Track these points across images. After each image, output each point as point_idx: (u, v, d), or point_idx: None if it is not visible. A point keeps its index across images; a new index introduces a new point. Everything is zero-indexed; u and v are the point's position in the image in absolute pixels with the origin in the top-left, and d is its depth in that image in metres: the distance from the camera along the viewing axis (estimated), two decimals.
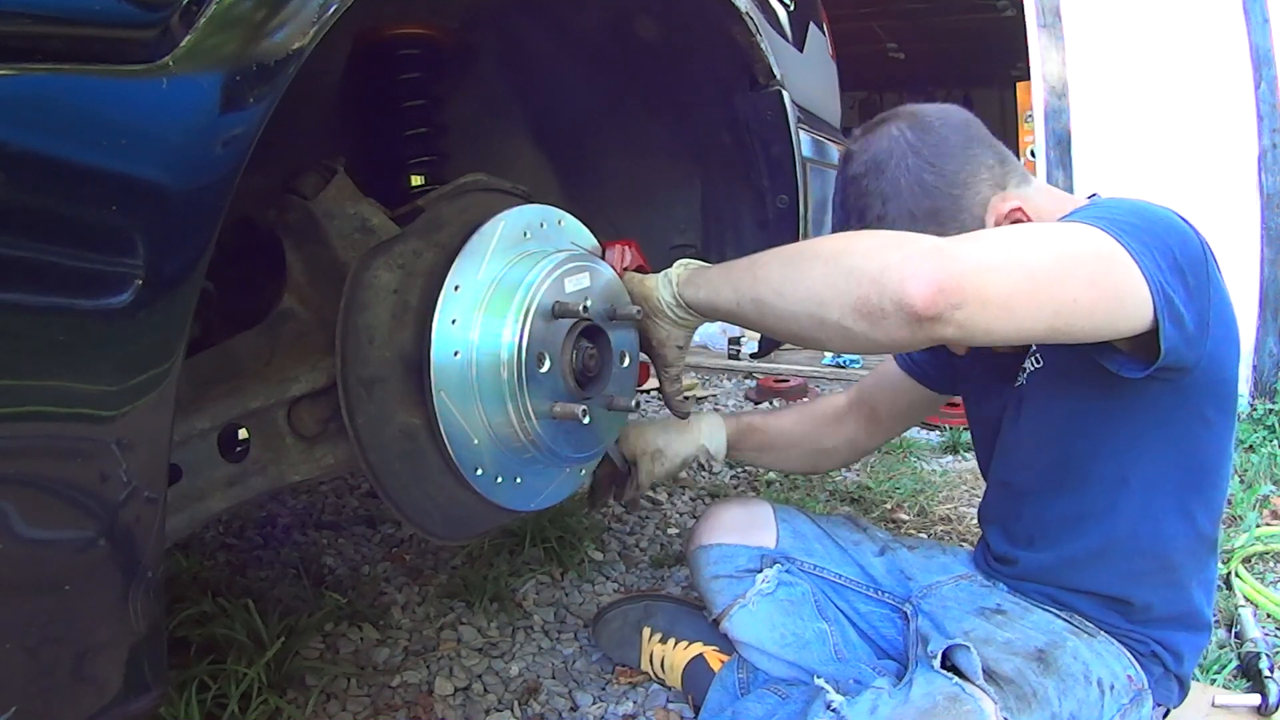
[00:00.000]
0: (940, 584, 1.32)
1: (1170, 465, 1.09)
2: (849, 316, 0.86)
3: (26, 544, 0.54)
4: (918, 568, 1.37)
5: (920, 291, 0.81)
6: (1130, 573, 1.13)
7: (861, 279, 0.85)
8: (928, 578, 1.34)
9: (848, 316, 0.86)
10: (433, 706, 1.48)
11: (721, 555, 1.39)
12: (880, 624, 1.35)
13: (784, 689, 1.30)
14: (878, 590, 1.37)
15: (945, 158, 1.08)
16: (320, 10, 0.66)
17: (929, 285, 0.81)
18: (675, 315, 1.10)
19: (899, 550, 1.40)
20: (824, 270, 0.90)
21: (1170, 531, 1.12)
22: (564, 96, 1.45)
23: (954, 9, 6.23)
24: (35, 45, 0.50)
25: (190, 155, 0.58)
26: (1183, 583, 1.14)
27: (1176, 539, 1.12)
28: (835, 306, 0.87)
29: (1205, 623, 1.18)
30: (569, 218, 1.12)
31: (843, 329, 0.87)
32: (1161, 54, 3.25)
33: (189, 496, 0.85)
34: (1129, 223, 0.93)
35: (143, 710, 0.62)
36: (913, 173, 1.08)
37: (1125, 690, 1.10)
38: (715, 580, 1.37)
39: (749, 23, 1.28)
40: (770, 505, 1.46)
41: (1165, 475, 1.09)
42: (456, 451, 0.97)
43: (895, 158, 1.09)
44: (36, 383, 0.53)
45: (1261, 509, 2.33)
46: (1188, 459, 1.09)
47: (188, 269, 0.59)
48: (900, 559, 1.39)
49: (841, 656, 1.32)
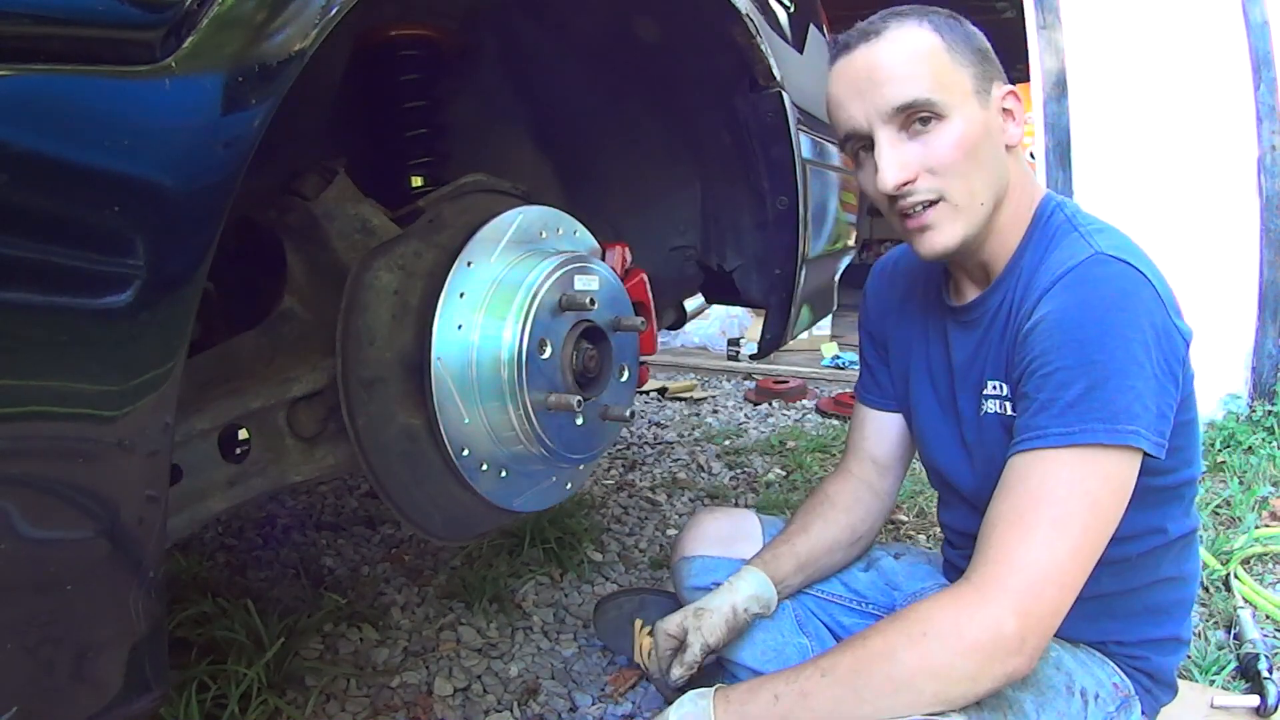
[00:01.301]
0: (925, 591, 1.31)
1: (1142, 520, 1.05)
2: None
3: (28, 544, 0.54)
4: (902, 576, 1.36)
5: (1005, 657, 0.89)
6: (1109, 614, 1.12)
7: (940, 680, 0.90)
8: (912, 585, 1.34)
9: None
10: (432, 707, 1.48)
11: (703, 568, 1.38)
12: None
13: None
14: (862, 602, 1.36)
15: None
16: (321, 12, 0.66)
17: (1007, 646, 0.89)
18: None
19: (884, 559, 1.40)
20: (892, 689, 0.91)
21: (1147, 573, 1.10)
22: (564, 98, 1.45)
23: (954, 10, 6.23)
24: (38, 46, 0.50)
25: (192, 156, 0.58)
26: (1161, 611, 1.14)
27: (1158, 570, 1.11)
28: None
29: (1185, 641, 1.18)
30: (569, 219, 1.12)
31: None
32: (1161, 56, 3.25)
33: (189, 497, 0.85)
34: (1117, 367, 0.91)
35: (143, 710, 0.62)
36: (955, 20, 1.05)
37: (1111, 698, 1.09)
38: (696, 592, 1.37)
39: (749, 24, 1.28)
40: (756, 516, 1.44)
41: (1136, 523, 1.04)
42: (456, 452, 0.97)
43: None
44: (39, 383, 0.53)
45: (1260, 510, 2.34)
46: (1158, 495, 1.06)
47: (190, 270, 0.59)
48: (885, 569, 1.38)
49: None
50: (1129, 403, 0.91)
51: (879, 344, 1.35)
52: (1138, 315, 0.93)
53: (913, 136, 1.00)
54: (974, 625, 0.89)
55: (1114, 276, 0.96)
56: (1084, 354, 0.93)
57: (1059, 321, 0.96)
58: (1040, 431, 0.94)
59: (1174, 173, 3.25)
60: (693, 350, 5.02)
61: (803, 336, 4.42)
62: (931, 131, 0.99)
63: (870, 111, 1.01)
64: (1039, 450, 0.94)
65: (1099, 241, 1.00)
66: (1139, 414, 0.91)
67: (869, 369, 1.37)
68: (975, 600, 0.91)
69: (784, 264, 1.52)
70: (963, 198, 1.01)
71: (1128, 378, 0.91)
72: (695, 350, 5.02)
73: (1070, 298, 0.96)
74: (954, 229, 1.02)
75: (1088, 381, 0.92)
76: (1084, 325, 0.94)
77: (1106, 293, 0.95)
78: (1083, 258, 0.98)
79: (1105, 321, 0.93)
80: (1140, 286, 0.95)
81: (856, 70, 1.02)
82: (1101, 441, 0.91)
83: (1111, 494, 0.93)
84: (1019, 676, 0.91)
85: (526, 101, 1.46)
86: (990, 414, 1.09)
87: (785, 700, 0.94)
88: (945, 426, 1.19)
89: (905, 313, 1.28)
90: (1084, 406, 0.92)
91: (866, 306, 1.37)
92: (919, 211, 1.02)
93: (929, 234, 1.03)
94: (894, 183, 1.00)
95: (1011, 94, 1.06)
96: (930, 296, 1.23)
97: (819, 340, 4.92)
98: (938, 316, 1.21)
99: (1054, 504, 0.92)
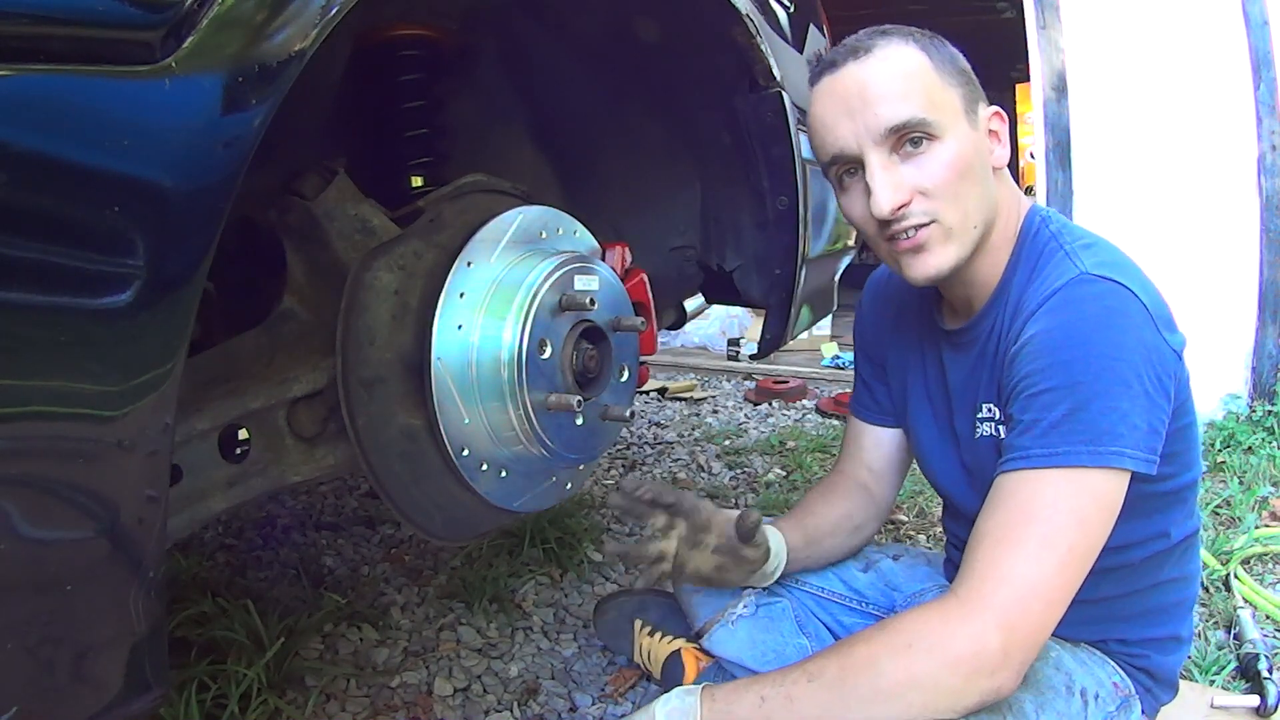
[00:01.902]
0: (925, 592, 1.31)
1: (1144, 526, 1.06)
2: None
3: (28, 544, 0.54)
4: (902, 577, 1.36)
5: (990, 672, 0.89)
6: (1110, 616, 1.12)
7: (929, 694, 0.90)
8: (912, 586, 1.34)
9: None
10: (432, 707, 1.48)
11: None
12: None
13: None
14: (862, 602, 1.36)
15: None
16: (321, 12, 0.66)
17: (991, 661, 0.88)
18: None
19: (883, 561, 1.40)
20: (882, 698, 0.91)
21: (1150, 576, 1.10)
22: (564, 98, 1.45)
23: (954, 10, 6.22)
24: (38, 46, 0.50)
25: (192, 156, 0.58)
26: (1162, 611, 1.14)
27: (1160, 572, 1.11)
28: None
29: (1187, 638, 1.18)
30: (569, 219, 1.12)
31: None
32: (1161, 56, 3.25)
33: (189, 497, 0.85)
34: (1102, 388, 0.91)
35: (144, 710, 0.62)
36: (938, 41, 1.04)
37: (1111, 698, 1.09)
38: (695, 594, 1.37)
39: (749, 24, 1.28)
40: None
41: (1139, 530, 1.05)
42: (456, 452, 0.97)
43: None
44: (39, 383, 0.53)
45: (1260, 510, 2.34)
46: (1160, 500, 1.06)
47: (190, 270, 0.59)
48: (884, 570, 1.38)
49: None
50: (1113, 423, 0.91)
51: (876, 363, 1.33)
52: (1124, 333, 0.92)
53: (904, 159, 0.98)
54: (958, 639, 0.89)
55: (1100, 295, 0.95)
56: (1069, 375, 0.92)
57: (1044, 344, 0.95)
58: (1024, 452, 0.94)
59: (1174, 172, 3.25)
60: (693, 350, 5.02)
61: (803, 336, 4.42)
62: (924, 153, 0.97)
63: (861, 132, 0.97)
64: (1024, 470, 0.93)
65: (1085, 260, 0.99)
66: (1124, 434, 0.91)
67: (866, 386, 1.35)
68: (959, 615, 0.90)
69: (784, 264, 1.52)
70: (956, 220, 0.99)
71: (1112, 398, 0.91)
72: (695, 350, 5.02)
73: (1055, 319, 0.95)
74: (947, 252, 1.00)
75: (1072, 403, 0.91)
76: (1069, 346, 0.93)
77: (1092, 312, 0.94)
78: (1069, 278, 0.97)
79: (1090, 342, 0.92)
80: (1127, 303, 0.94)
81: (846, 89, 0.98)
82: (1084, 464, 0.91)
83: (1098, 512, 0.92)
84: (1006, 693, 0.90)
85: (526, 101, 1.46)
86: (985, 437, 1.09)
87: (771, 703, 0.93)
88: (945, 448, 1.19)
89: (900, 334, 1.27)
90: (1067, 428, 0.91)
91: (862, 327, 1.36)
92: (911, 235, 0.99)
93: (922, 257, 1.00)
94: (889, 206, 0.97)
95: (996, 115, 1.05)
96: (924, 319, 1.22)
97: (819, 340, 4.92)
98: (932, 339, 1.20)
99: (1041, 521, 0.91)
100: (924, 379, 1.22)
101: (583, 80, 1.41)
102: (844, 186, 1.05)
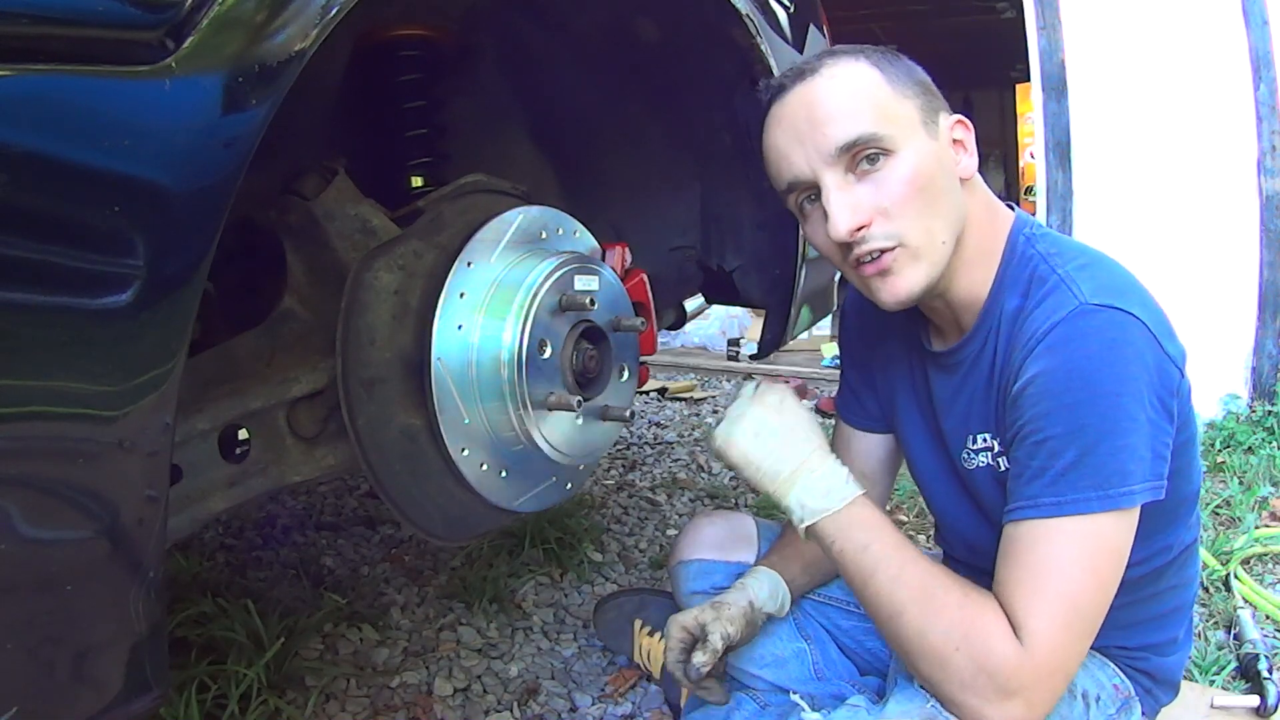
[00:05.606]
0: None
1: (1147, 545, 1.03)
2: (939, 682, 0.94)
3: (28, 544, 0.54)
4: None
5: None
6: (1111, 625, 1.12)
7: (953, 676, 0.92)
8: None
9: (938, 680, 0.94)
10: (432, 707, 1.48)
11: (700, 571, 1.38)
12: (864, 638, 1.34)
13: (763, 696, 1.30)
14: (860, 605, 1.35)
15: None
16: (321, 12, 0.67)
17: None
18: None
19: None
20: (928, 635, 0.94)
21: (1151, 586, 1.10)
22: (564, 97, 1.45)
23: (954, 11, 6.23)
24: (39, 46, 0.50)
25: (193, 156, 0.58)
26: (1162, 616, 1.13)
27: (1160, 582, 1.11)
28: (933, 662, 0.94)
29: (1187, 640, 1.18)
30: (569, 219, 1.12)
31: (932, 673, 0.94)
32: (1161, 56, 3.25)
33: (189, 497, 0.85)
34: (1109, 427, 0.90)
35: (143, 710, 0.62)
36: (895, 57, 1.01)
37: (1112, 700, 1.09)
38: (694, 596, 1.36)
39: (749, 24, 1.28)
40: (754, 519, 1.44)
41: (1140, 549, 1.02)
42: (456, 452, 0.97)
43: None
44: (39, 383, 0.53)
45: (1260, 510, 2.34)
46: (1162, 518, 1.04)
47: (190, 270, 0.59)
48: None
49: (821, 675, 1.31)
50: (1122, 462, 0.90)
51: (864, 374, 1.30)
52: (1128, 363, 0.91)
53: (861, 178, 0.94)
54: (989, 695, 0.90)
55: (1101, 329, 0.92)
56: (1074, 419, 0.91)
57: (1047, 386, 0.93)
58: (1033, 501, 0.92)
59: (1174, 173, 3.25)
60: (693, 350, 5.02)
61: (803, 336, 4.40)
62: (881, 169, 0.93)
63: (812, 155, 0.94)
64: (1034, 520, 0.93)
65: (1084, 287, 0.95)
66: (1132, 470, 0.90)
67: (854, 393, 1.32)
68: (991, 684, 0.90)
69: (784, 264, 1.52)
70: (920, 239, 0.95)
71: (1120, 436, 0.90)
72: (695, 350, 5.02)
73: (1057, 358, 0.93)
74: (916, 273, 0.96)
75: (1079, 448, 0.90)
76: (1072, 389, 0.91)
77: (1094, 348, 0.92)
78: (1068, 310, 0.94)
79: (1094, 382, 0.91)
80: (1128, 329, 0.92)
81: (794, 112, 0.96)
82: (1095, 510, 0.90)
83: (1110, 554, 0.92)
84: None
85: (526, 101, 1.46)
86: (981, 467, 1.07)
87: (869, 554, 0.98)
88: (936, 462, 1.18)
89: (886, 349, 1.24)
90: (1075, 475, 0.90)
91: (847, 338, 1.33)
92: (875, 257, 0.95)
93: (890, 280, 0.96)
94: (846, 228, 0.93)
95: (960, 123, 1.01)
96: (909, 338, 1.19)
97: (819, 340, 4.91)
98: (918, 358, 1.18)
99: (1060, 578, 0.91)
100: (913, 393, 1.20)
101: (583, 80, 1.41)
102: (805, 214, 1.01)
